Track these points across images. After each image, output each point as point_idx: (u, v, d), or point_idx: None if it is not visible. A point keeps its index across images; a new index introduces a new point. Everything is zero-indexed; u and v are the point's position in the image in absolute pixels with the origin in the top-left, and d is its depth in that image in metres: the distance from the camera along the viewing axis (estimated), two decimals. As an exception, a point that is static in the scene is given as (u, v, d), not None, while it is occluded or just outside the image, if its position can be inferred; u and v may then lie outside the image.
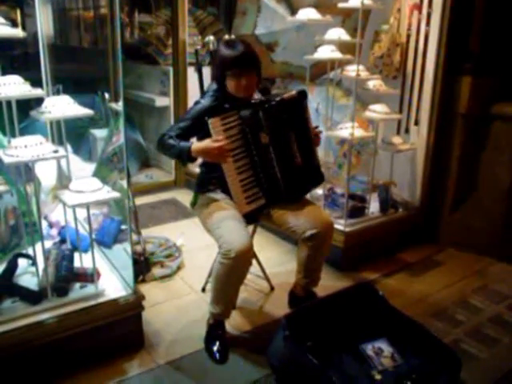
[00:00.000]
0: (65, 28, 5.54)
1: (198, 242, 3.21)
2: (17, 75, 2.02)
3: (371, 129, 3.35)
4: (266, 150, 2.31)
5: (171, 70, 4.38)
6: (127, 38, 5.36)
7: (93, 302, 2.19)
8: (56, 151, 2.00)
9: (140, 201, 3.90)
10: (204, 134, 2.24)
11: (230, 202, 2.35)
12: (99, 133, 4.18)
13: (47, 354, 2.09)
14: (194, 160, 2.29)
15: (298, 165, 2.38)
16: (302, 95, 2.42)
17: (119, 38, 2.29)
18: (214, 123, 2.19)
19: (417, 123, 3.39)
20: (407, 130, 3.45)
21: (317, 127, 2.53)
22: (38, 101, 2.13)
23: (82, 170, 3.32)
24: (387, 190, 3.32)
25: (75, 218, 2.37)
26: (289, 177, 2.36)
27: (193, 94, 4.03)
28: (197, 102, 2.40)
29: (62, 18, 5.42)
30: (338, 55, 3.05)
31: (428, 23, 3.19)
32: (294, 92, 2.40)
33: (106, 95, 3.22)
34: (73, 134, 3.39)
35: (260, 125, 2.28)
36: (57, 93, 2.54)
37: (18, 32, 2.12)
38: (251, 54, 2.32)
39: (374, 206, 3.33)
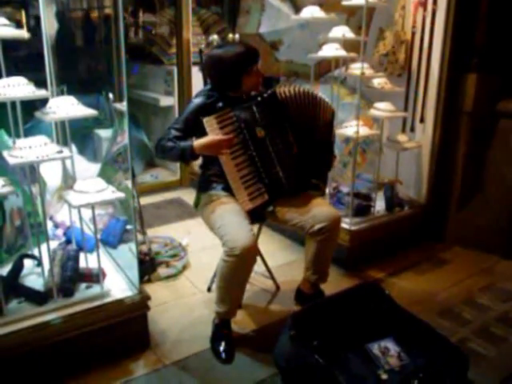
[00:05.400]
0: (69, 28, 5.54)
1: (203, 241, 3.21)
2: (21, 76, 2.02)
3: (376, 127, 3.33)
4: (263, 143, 2.32)
5: (175, 69, 4.38)
6: (131, 38, 5.36)
7: (98, 303, 2.19)
8: (60, 152, 2.00)
9: (145, 201, 3.90)
10: (200, 134, 2.24)
11: (233, 200, 2.35)
12: (104, 133, 4.18)
13: (53, 354, 2.09)
14: (196, 157, 2.29)
15: (295, 154, 2.38)
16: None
17: (123, 38, 2.28)
18: (208, 122, 2.21)
19: (422, 121, 3.38)
20: (412, 128, 3.43)
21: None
22: (43, 101, 2.12)
23: (86, 170, 3.31)
24: (393, 189, 3.31)
25: (80, 219, 2.37)
26: (288, 168, 2.36)
27: (197, 93, 4.02)
28: (190, 103, 2.41)
29: (67, 18, 5.41)
30: (342, 53, 3.04)
31: (433, 20, 3.17)
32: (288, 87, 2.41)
33: (110, 95, 3.22)
34: (77, 135, 3.39)
35: (255, 119, 2.29)
36: (61, 93, 2.54)
37: (23, 33, 2.12)
38: None
39: (379, 205, 3.31)
